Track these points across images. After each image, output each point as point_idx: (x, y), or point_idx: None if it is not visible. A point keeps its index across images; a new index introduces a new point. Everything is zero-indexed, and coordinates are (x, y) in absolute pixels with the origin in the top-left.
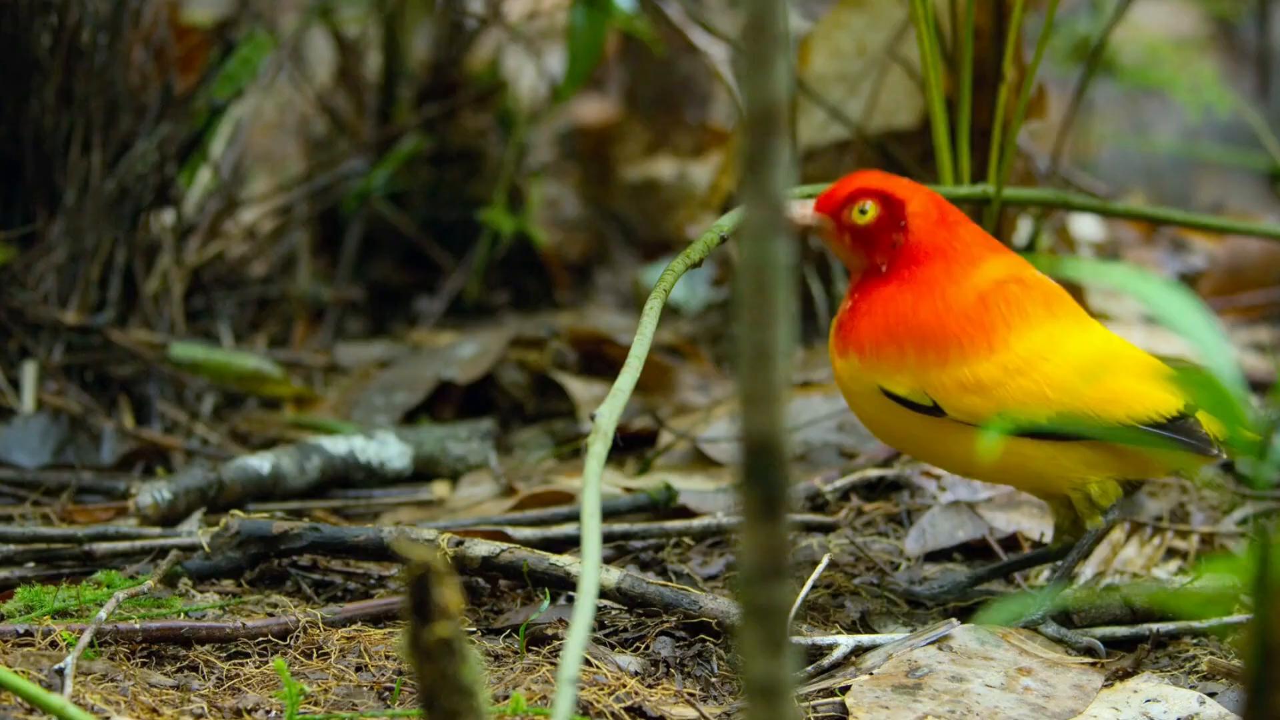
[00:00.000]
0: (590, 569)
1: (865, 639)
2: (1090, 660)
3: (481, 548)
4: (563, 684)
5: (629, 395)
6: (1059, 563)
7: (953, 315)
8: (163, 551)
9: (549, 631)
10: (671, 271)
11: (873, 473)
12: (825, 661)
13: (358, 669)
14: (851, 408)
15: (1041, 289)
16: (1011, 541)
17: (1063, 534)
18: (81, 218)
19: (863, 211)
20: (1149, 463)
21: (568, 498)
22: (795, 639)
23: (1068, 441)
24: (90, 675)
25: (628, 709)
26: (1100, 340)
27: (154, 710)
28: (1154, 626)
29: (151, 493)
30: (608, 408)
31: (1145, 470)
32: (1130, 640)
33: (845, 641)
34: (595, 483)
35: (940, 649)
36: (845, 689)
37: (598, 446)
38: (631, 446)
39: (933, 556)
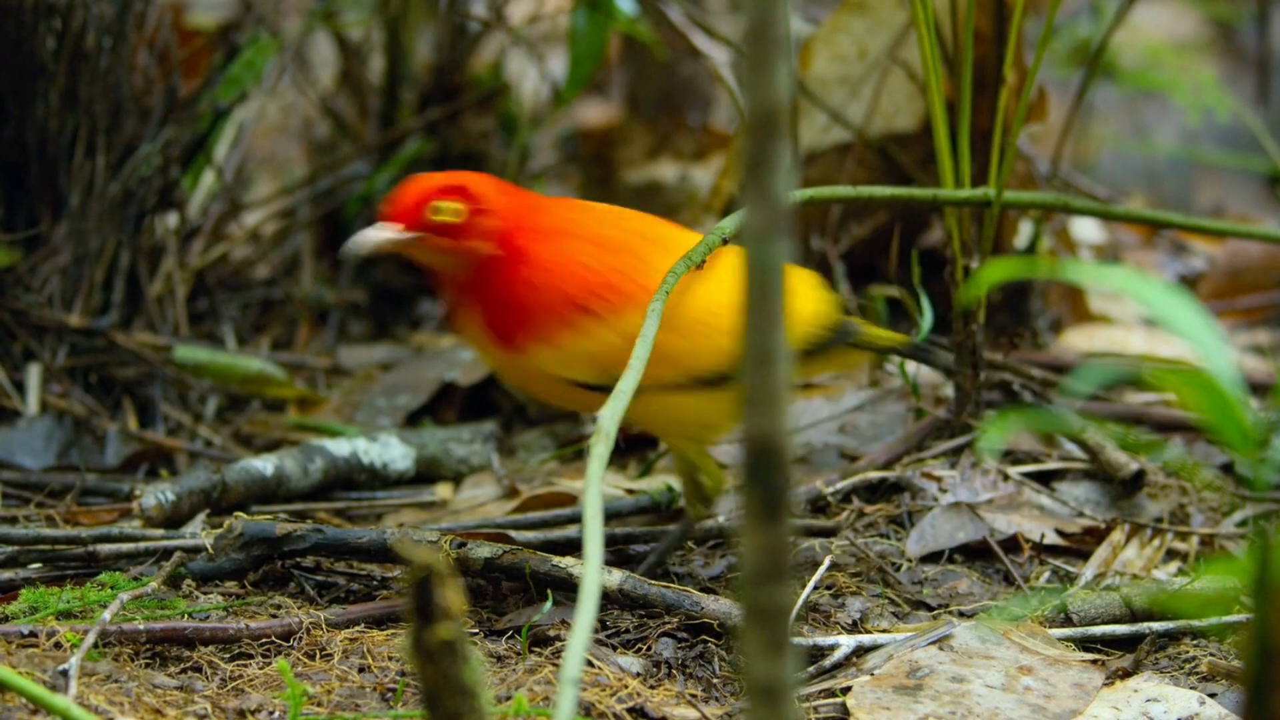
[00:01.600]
0: (592, 570)
1: (866, 639)
2: (1091, 658)
3: (484, 549)
4: (565, 684)
5: (631, 397)
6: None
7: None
8: (166, 553)
9: (551, 633)
10: (673, 274)
11: (874, 475)
12: (826, 662)
13: (361, 670)
14: (525, 388)
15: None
16: (1012, 543)
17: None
18: (85, 220)
19: (454, 212)
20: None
21: (570, 499)
22: (796, 640)
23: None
24: (94, 676)
25: (630, 710)
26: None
27: (158, 711)
28: (1153, 625)
29: (155, 494)
30: (610, 410)
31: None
32: (1130, 640)
33: (846, 642)
34: (597, 483)
35: (941, 649)
36: (846, 690)
37: (600, 448)
38: (633, 448)
39: (933, 558)
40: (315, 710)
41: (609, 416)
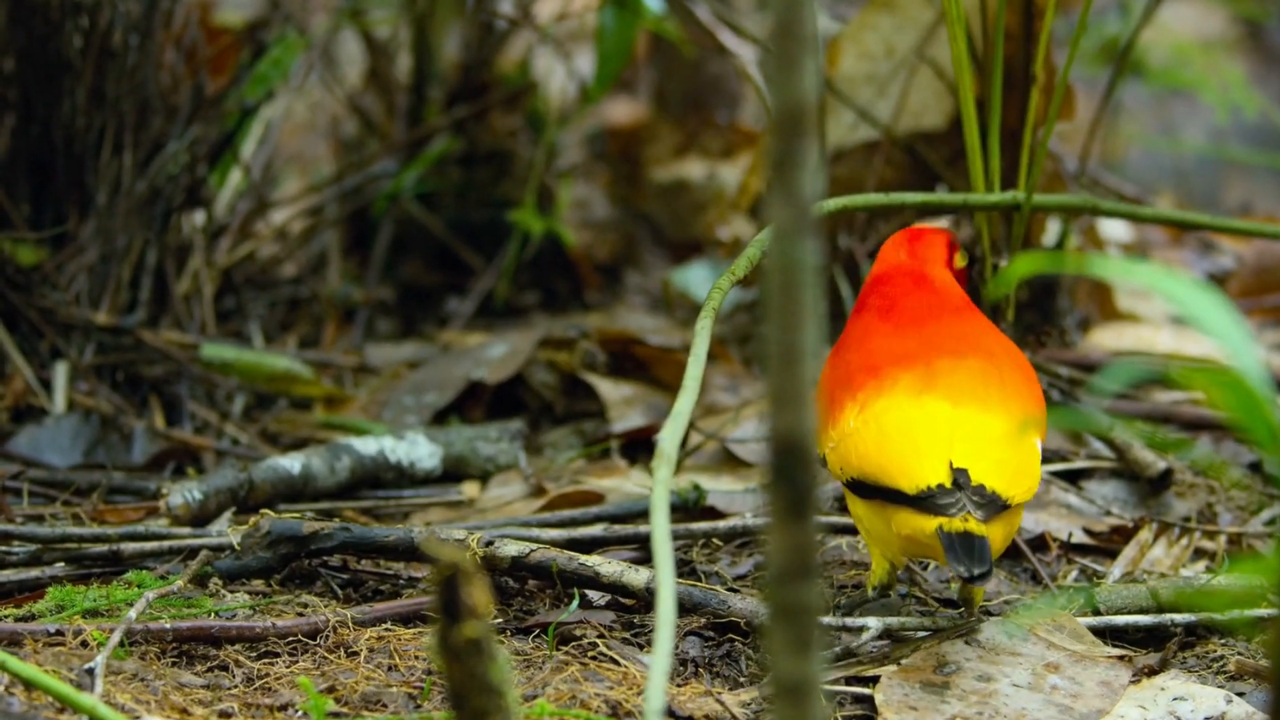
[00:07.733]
0: (666, 598)
1: (894, 620)
2: (1118, 654)
3: (511, 548)
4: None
5: (689, 418)
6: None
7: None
8: (193, 551)
9: (578, 631)
10: (719, 289)
11: None
12: (854, 644)
13: (387, 669)
14: None
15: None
16: (1040, 542)
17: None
18: (113, 218)
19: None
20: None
21: (597, 498)
22: (824, 619)
23: (872, 504)
24: (121, 675)
25: None
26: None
27: (184, 710)
28: (1177, 617)
29: (182, 493)
30: (669, 431)
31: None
32: (1156, 633)
33: (874, 624)
34: (664, 509)
35: (968, 643)
36: (873, 680)
37: (662, 471)
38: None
39: None
40: (341, 709)
41: (669, 438)
